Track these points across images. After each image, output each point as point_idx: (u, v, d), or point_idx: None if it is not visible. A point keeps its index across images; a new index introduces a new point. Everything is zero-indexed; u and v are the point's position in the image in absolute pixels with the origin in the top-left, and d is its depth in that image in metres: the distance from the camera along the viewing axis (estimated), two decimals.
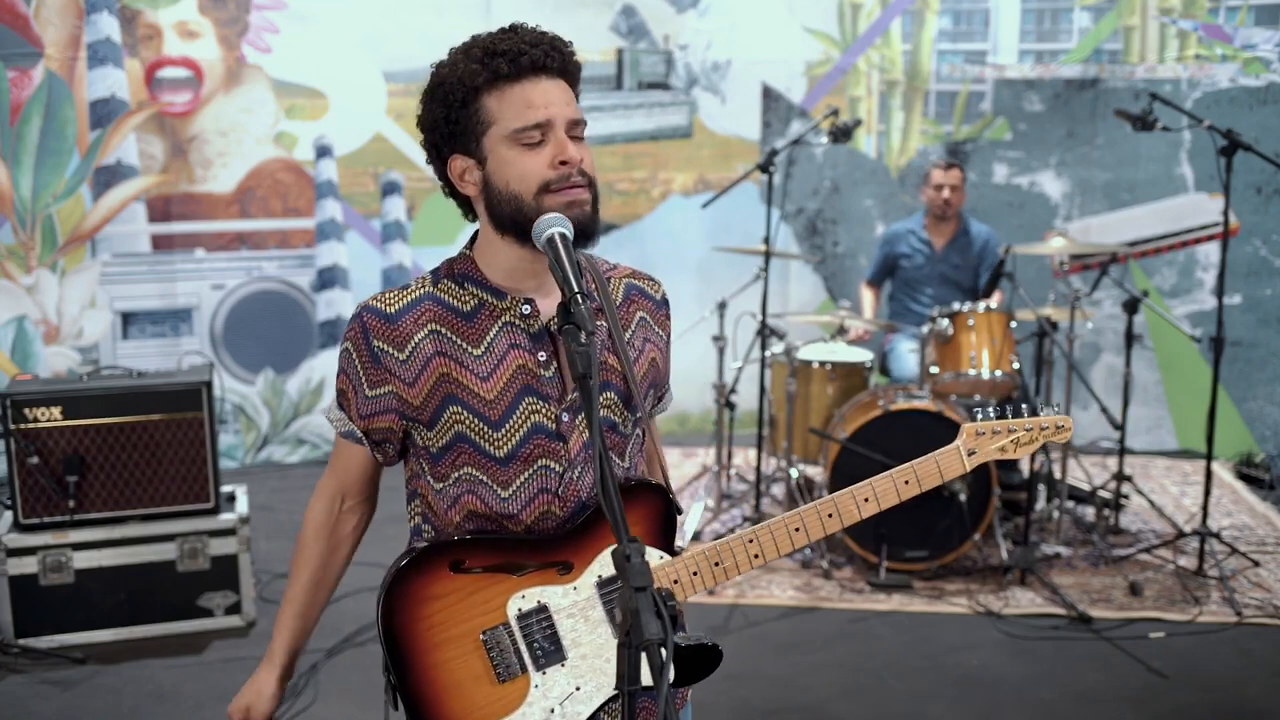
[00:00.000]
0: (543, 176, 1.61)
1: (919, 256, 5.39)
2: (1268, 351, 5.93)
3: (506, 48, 1.61)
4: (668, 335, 1.88)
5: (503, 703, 1.65)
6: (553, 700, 1.64)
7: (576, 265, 1.53)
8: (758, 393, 4.80)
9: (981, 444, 1.88)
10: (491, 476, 1.70)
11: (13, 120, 5.38)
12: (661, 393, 1.91)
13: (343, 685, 3.59)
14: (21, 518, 3.84)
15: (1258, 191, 5.85)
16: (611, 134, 6.23)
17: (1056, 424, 1.96)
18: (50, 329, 5.60)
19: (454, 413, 1.68)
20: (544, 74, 1.62)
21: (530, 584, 1.66)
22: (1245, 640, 3.95)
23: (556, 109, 1.62)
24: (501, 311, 1.69)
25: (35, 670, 3.74)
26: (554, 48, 1.63)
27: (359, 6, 5.83)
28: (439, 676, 1.65)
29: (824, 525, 1.77)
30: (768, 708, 3.55)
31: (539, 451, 1.69)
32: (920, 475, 1.83)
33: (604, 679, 1.65)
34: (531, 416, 1.68)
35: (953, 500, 4.32)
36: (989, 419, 1.90)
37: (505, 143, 1.62)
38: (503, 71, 1.60)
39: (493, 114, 1.62)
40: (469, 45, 1.64)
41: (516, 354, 1.69)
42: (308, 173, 5.88)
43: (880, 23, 6.31)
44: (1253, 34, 5.88)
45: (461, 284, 1.71)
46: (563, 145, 1.61)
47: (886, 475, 1.84)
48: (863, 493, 1.80)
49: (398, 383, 1.69)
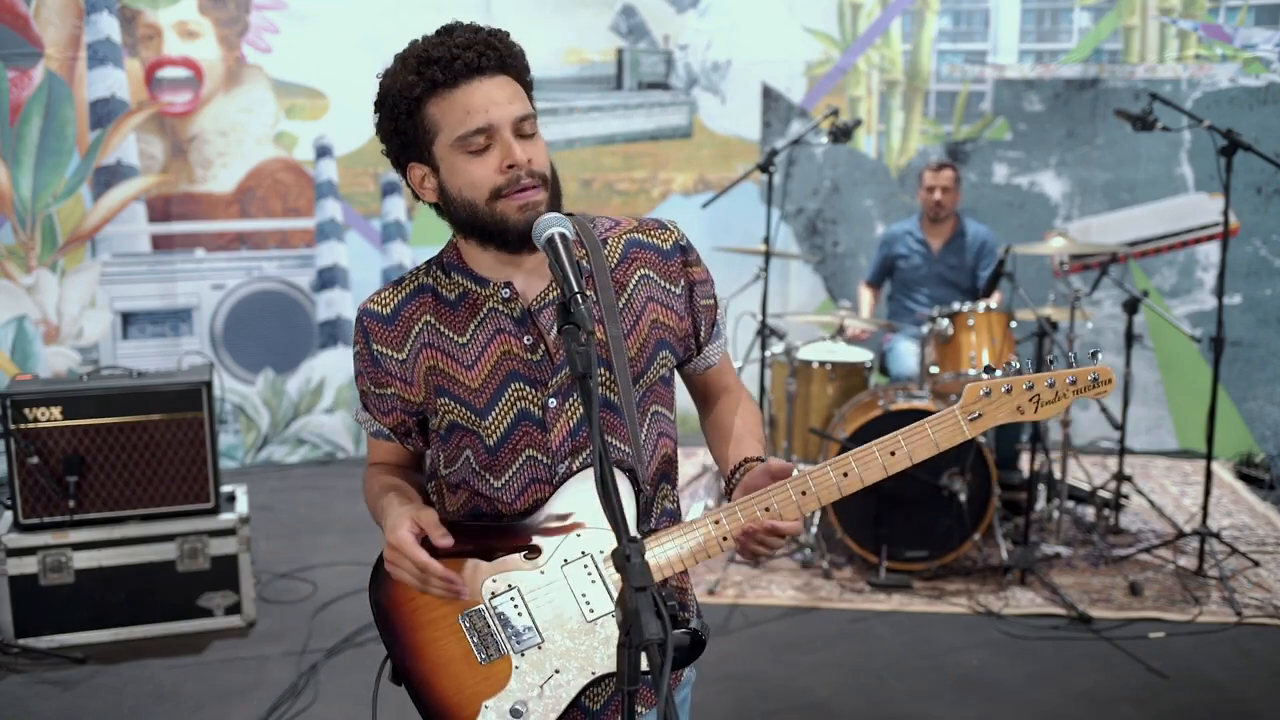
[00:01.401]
0: (492, 183, 1.60)
1: (916, 257, 5.39)
2: (1268, 351, 5.93)
3: (439, 54, 1.58)
4: (691, 280, 1.78)
5: (488, 683, 1.67)
6: (534, 682, 1.67)
7: (576, 265, 1.53)
8: (758, 393, 4.80)
9: (989, 406, 1.62)
10: (484, 465, 1.72)
11: (13, 120, 5.38)
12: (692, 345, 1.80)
13: (343, 685, 3.59)
14: (21, 518, 3.84)
15: (1258, 191, 5.85)
16: (611, 134, 6.23)
17: (1090, 376, 1.62)
18: (50, 329, 5.60)
19: (444, 403, 1.71)
20: (482, 75, 1.59)
21: (501, 569, 1.67)
22: (1245, 640, 3.95)
23: (498, 110, 1.59)
24: (485, 299, 1.70)
25: (35, 670, 3.74)
26: (489, 46, 1.60)
27: (359, 6, 5.83)
28: (429, 654, 1.70)
29: (799, 504, 1.64)
30: (768, 708, 3.55)
31: (525, 441, 1.70)
32: (910, 447, 1.64)
33: (582, 662, 1.66)
34: (518, 403, 1.69)
35: (953, 500, 4.32)
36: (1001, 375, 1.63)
37: (452, 151, 1.61)
38: (439, 79, 1.58)
39: (436, 123, 1.61)
40: (406, 54, 1.62)
41: (502, 339, 1.69)
42: (308, 173, 5.88)
43: (880, 23, 6.31)
44: (1253, 34, 5.88)
45: (448, 273, 1.74)
46: (508, 148, 1.59)
47: (868, 447, 1.63)
48: (841, 467, 1.64)
49: (398, 384, 1.74)
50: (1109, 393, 1.59)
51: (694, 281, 1.79)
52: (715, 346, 1.86)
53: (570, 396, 1.70)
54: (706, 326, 1.82)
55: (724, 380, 1.90)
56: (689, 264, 1.80)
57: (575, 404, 1.70)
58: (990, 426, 1.63)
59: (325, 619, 4.07)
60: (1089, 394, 1.63)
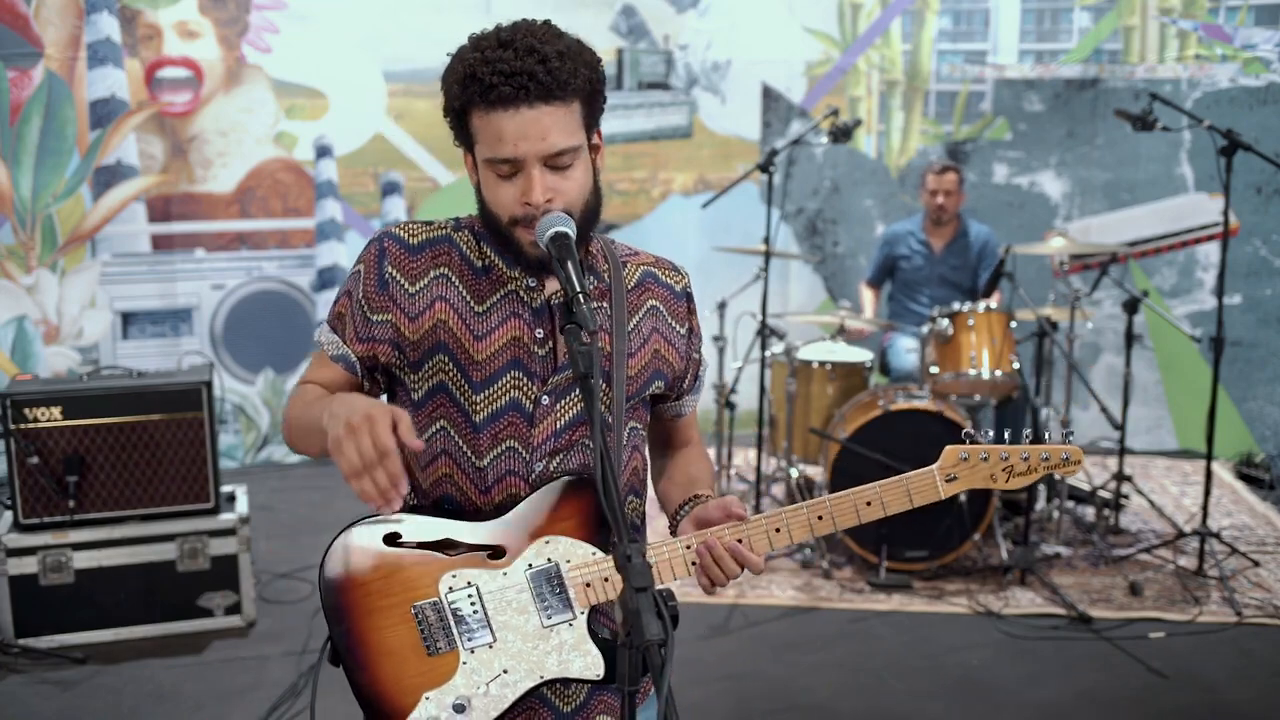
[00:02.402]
0: (511, 211, 1.61)
1: (918, 258, 5.39)
2: (1268, 351, 5.93)
3: (483, 75, 1.54)
4: (690, 329, 1.84)
5: (432, 675, 1.67)
6: (481, 680, 1.66)
7: (579, 264, 1.53)
8: (758, 393, 4.79)
9: (965, 470, 1.70)
10: (466, 440, 1.70)
11: (13, 120, 5.38)
12: (678, 388, 1.86)
13: (343, 685, 3.58)
14: (21, 518, 3.84)
15: (1258, 191, 5.85)
16: (611, 134, 6.22)
17: (1062, 455, 1.69)
18: (50, 329, 5.60)
19: (440, 361, 1.69)
20: (519, 105, 1.55)
21: (461, 565, 1.67)
22: (1245, 640, 3.95)
23: (526, 145, 1.56)
24: (509, 279, 1.70)
25: (35, 670, 3.73)
26: (532, 77, 1.54)
27: (359, 6, 5.83)
28: (374, 639, 1.68)
29: (770, 540, 1.68)
30: (768, 708, 3.55)
31: (509, 431, 1.69)
32: (885, 499, 1.70)
33: (531, 665, 1.66)
34: (512, 391, 1.69)
35: (953, 500, 4.32)
36: (980, 441, 1.70)
37: (484, 165, 1.62)
38: (477, 100, 1.57)
39: (476, 133, 1.61)
40: (462, 56, 1.59)
41: (515, 323, 1.69)
42: (308, 173, 5.88)
43: (880, 23, 6.31)
44: (1253, 34, 5.88)
45: (479, 241, 1.72)
46: (529, 186, 1.58)
47: (845, 495, 1.70)
48: (817, 510, 1.69)
49: (398, 313, 1.69)
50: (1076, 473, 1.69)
51: (693, 331, 1.87)
52: (692, 399, 1.93)
53: (564, 398, 1.70)
54: (691, 377, 1.90)
55: (689, 434, 1.97)
56: (692, 310, 1.87)
57: (567, 406, 1.70)
58: (963, 489, 1.71)
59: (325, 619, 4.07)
60: (1058, 471, 1.71)
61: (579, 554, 1.67)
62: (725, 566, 1.66)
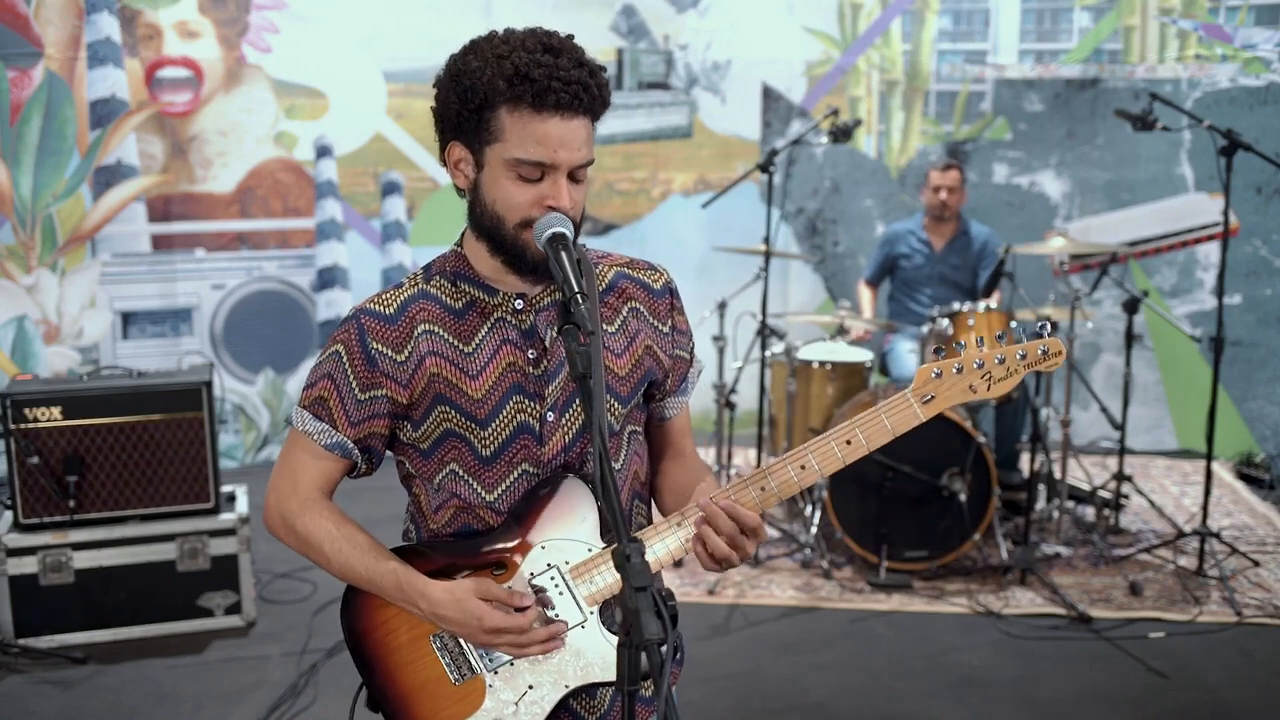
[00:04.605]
0: (526, 213, 1.59)
1: (918, 257, 5.40)
2: (1268, 351, 5.93)
3: (538, 76, 1.53)
4: (675, 326, 1.80)
5: (465, 703, 1.66)
6: (509, 700, 1.65)
7: (577, 265, 1.53)
8: (758, 393, 4.80)
9: (941, 387, 1.62)
10: (476, 477, 1.70)
11: (13, 120, 5.38)
12: (669, 387, 1.83)
13: (343, 685, 3.58)
14: (21, 518, 3.84)
15: (1258, 191, 5.85)
16: (611, 134, 6.22)
17: (1039, 349, 1.63)
18: (50, 329, 5.60)
19: (442, 411, 1.68)
20: (566, 113, 1.56)
21: None
22: (1245, 640, 3.95)
23: (565, 154, 1.56)
24: (493, 308, 1.69)
25: (35, 670, 3.73)
26: (585, 89, 1.56)
27: (359, 6, 5.83)
28: (402, 678, 1.68)
29: (760, 500, 1.64)
30: (768, 708, 3.55)
31: (522, 455, 1.69)
32: (865, 435, 1.63)
33: (555, 676, 1.65)
34: (518, 416, 1.68)
35: (953, 500, 4.32)
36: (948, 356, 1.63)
37: (504, 163, 1.59)
38: (526, 100, 1.55)
39: (503, 131, 1.57)
40: (502, 54, 1.56)
41: (507, 350, 1.68)
42: (308, 173, 5.88)
43: (880, 23, 6.31)
44: (1253, 34, 5.88)
45: (454, 282, 1.71)
46: (558, 191, 1.58)
47: (823, 437, 1.64)
48: (798, 460, 1.64)
49: (391, 384, 1.68)
50: (1059, 365, 1.61)
51: (678, 328, 1.81)
52: (677, 401, 1.86)
53: (567, 411, 1.70)
54: (675, 378, 1.83)
55: (681, 442, 1.89)
56: (676, 308, 1.81)
57: (571, 418, 1.70)
58: (945, 407, 1.64)
59: (325, 619, 4.07)
60: (1040, 366, 1.63)
61: (578, 553, 1.67)
62: (720, 524, 1.58)
